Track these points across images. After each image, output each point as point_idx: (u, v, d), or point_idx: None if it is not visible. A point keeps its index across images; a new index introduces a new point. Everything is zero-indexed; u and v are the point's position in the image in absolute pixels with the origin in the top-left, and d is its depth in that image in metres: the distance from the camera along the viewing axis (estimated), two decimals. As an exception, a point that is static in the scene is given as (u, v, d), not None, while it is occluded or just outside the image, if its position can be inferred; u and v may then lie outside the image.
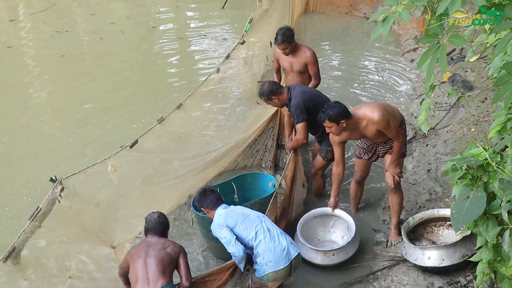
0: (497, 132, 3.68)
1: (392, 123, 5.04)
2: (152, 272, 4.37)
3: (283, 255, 4.56)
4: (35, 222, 4.42)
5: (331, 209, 5.74)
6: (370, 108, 5.08)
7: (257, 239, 4.57)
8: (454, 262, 4.90)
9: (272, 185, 6.00)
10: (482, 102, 7.21)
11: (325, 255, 5.41)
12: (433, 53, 3.08)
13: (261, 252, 4.56)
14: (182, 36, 12.34)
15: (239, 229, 4.63)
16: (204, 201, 4.86)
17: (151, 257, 4.44)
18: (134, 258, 4.51)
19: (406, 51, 9.99)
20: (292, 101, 5.86)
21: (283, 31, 6.38)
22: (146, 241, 4.67)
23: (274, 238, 4.60)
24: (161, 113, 5.83)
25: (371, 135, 5.23)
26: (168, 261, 4.48)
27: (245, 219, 4.69)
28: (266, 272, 4.55)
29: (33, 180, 7.16)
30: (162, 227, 4.76)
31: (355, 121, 5.07)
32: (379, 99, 8.55)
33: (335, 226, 5.91)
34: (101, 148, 7.53)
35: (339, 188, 5.71)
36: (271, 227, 4.69)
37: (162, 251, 4.50)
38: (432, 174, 6.48)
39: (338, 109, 4.96)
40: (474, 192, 2.86)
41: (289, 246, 4.63)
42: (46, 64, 11.25)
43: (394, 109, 5.42)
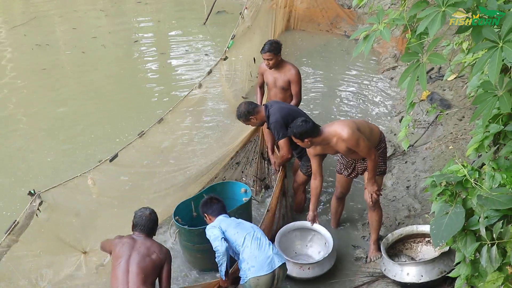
0: (474, 149, 3.74)
1: (362, 142, 5.05)
2: (133, 281, 4.28)
3: (266, 262, 4.58)
4: (12, 236, 4.36)
5: (310, 223, 5.75)
6: (341, 126, 5.12)
7: (244, 244, 4.64)
8: (433, 278, 4.93)
9: (244, 191, 6.04)
10: (459, 120, 7.32)
11: (301, 268, 5.43)
12: (413, 71, 3.13)
13: (245, 258, 4.61)
14: (164, 51, 12.35)
15: (230, 233, 4.72)
16: (209, 208, 5.01)
17: (134, 264, 4.34)
18: (116, 257, 4.42)
19: (386, 69, 10.11)
20: (271, 118, 5.87)
21: (271, 41, 6.45)
22: (132, 238, 4.57)
23: (261, 246, 4.66)
24: (142, 127, 5.82)
25: (343, 152, 5.28)
26: (151, 269, 4.40)
27: (238, 225, 4.81)
28: (248, 277, 4.57)
29: (12, 193, 7.06)
30: (151, 225, 4.70)
31: (325, 137, 5.13)
32: (358, 116, 8.65)
33: (312, 241, 5.92)
34: (81, 162, 7.46)
35: (317, 201, 5.73)
36: (261, 237, 4.74)
37: (147, 258, 4.41)
38: (411, 191, 6.55)
39: (302, 128, 5.04)
40: (453, 208, 2.90)
41: (274, 256, 4.66)
42: (26, 77, 11.14)
43: (372, 126, 5.46)
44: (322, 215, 6.41)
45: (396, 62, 10.14)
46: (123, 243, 4.52)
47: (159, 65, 11.66)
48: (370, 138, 5.23)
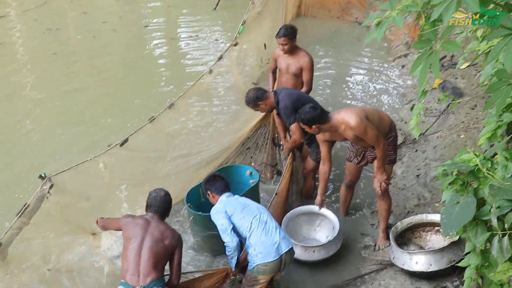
0: (487, 138, 3.71)
1: (370, 130, 5.02)
2: (144, 265, 4.30)
3: (273, 248, 4.56)
4: (23, 219, 4.39)
5: (317, 208, 5.75)
6: (349, 113, 5.10)
7: (251, 229, 4.61)
8: (442, 267, 4.92)
9: (249, 173, 6.06)
10: (472, 109, 7.26)
11: (306, 251, 5.45)
12: (426, 58, 3.09)
13: (252, 243, 4.58)
14: (174, 36, 12.31)
15: (236, 218, 4.68)
16: (212, 185, 4.96)
17: (146, 248, 4.35)
18: (129, 238, 4.42)
19: (397, 57, 10.02)
20: (280, 104, 5.88)
21: (286, 26, 6.47)
22: (146, 220, 4.57)
23: (268, 231, 4.62)
24: (153, 113, 5.82)
25: (351, 139, 5.27)
26: (163, 255, 4.41)
27: (244, 209, 4.74)
28: (255, 264, 4.57)
29: (24, 177, 7.09)
30: (165, 206, 4.71)
31: (333, 124, 5.12)
32: (368, 104, 8.59)
33: (321, 226, 5.93)
34: (92, 146, 7.44)
35: (325, 186, 5.73)
36: (268, 220, 4.70)
37: (160, 243, 4.41)
38: (421, 180, 6.51)
39: (310, 114, 5.03)
40: (464, 198, 2.87)
41: (281, 241, 4.64)
42: (37, 61, 11.14)
43: (382, 115, 5.42)
44: (330, 204, 6.41)
45: (408, 50, 10.03)
46: (136, 224, 4.51)
47: (170, 50, 11.63)
48: (380, 127, 5.19)
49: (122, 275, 4.36)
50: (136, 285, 4.25)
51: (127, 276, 4.29)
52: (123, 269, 4.36)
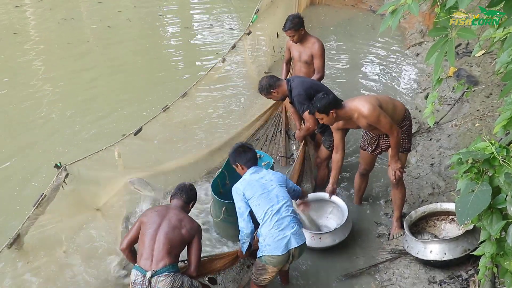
0: (502, 127, 3.66)
1: (383, 119, 5.00)
2: (158, 250, 4.33)
3: (282, 243, 4.51)
4: (39, 208, 4.45)
5: (328, 195, 5.76)
6: (362, 102, 5.07)
7: (264, 219, 4.55)
8: (456, 256, 4.91)
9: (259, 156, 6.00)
10: (487, 97, 7.20)
11: (312, 237, 5.46)
12: (441, 46, 3.08)
13: (263, 233, 4.55)
14: (188, 25, 12.34)
15: (253, 203, 4.61)
16: (241, 157, 4.81)
17: (162, 234, 4.37)
18: (147, 224, 4.45)
19: (412, 45, 9.96)
20: (294, 92, 5.88)
21: (291, 17, 6.38)
22: (165, 207, 4.62)
23: (281, 224, 4.53)
24: (168, 102, 5.85)
25: (364, 127, 5.26)
26: (178, 242, 4.43)
27: (262, 195, 4.61)
28: (263, 254, 4.56)
29: (40, 166, 7.16)
30: (191, 194, 4.73)
31: (346, 112, 5.10)
32: (382, 92, 8.55)
33: (333, 213, 5.95)
34: (108, 135, 7.48)
35: (338, 175, 5.72)
36: (283, 211, 4.58)
37: (176, 230, 4.43)
38: (435, 168, 6.49)
39: (326, 100, 5.00)
40: (479, 186, 2.86)
41: (292, 236, 4.55)
42: (52, 50, 11.24)
43: (396, 103, 5.38)
44: (343, 191, 6.42)
45: (423, 38, 9.96)
46: (155, 211, 4.56)
47: (184, 39, 11.65)
48: (394, 115, 5.17)
49: (137, 259, 4.41)
50: (148, 269, 4.29)
51: (141, 260, 4.34)
52: (139, 254, 4.41)
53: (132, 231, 4.55)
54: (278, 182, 4.74)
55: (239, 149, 4.85)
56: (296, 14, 6.54)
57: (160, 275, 4.28)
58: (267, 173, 4.81)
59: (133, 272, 4.37)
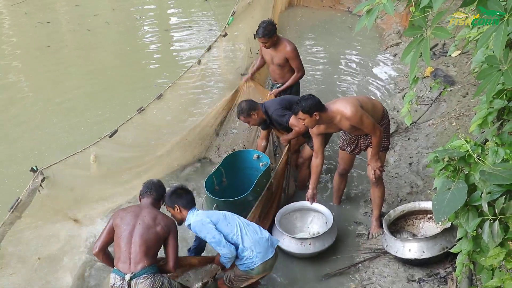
0: (478, 125, 3.70)
1: (366, 119, 5.02)
2: (135, 253, 4.29)
3: (268, 244, 4.57)
4: (16, 213, 4.38)
5: (309, 202, 5.74)
6: (343, 104, 5.08)
7: (241, 233, 4.52)
8: (434, 254, 4.95)
9: (257, 156, 6.08)
10: (463, 97, 7.28)
11: (301, 244, 5.42)
12: (417, 45, 3.09)
13: (248, 246, 4.50)
14: (166, 27, 12.29)
15: (222, 225, 4.53)
16: (180, 199, 4.63)
17: (137, 235, 4.33)
18: (121, 227, 4.38)
19: (389, 46, 10.03)
20: (270, 110, 5.98)
21: (265, 24, 6.42)
22: (138, 207, 4.57)
23: (256, 231, 4.60)
24: (143, 104, 5.82)
25: (346, 129, 5.28)
26: (155, 241, 4.39)
27: (225, 216, 4.61)
28: (256, 264, 4.51)
29: (17, 169, 7.06)
30: (160, 190, 4.70)
31: (329, 115, 5.10)
32: (360, 93, 8.58)
33: (313, 222, 5.90)
34: (84, 138, 7.40)
35: (317, 180, 5.71)
36: (249, 223, 4.70)
37: (151, 229, 4.38)
38: (413, 168, 6.53)
39: (311, 101, 5.00)
40: (455, 184, 2.87)
41: (269, 235, 4.67)
42: (30, 54, 11.14)
43: (374, 102, 5.43)
44: (323, 192, 6.43)
45: (400, 39, 10.04)
46: (127, 212, 4.50)
47: (163, 41, 11.63)
48: (373, 114, 5.20)
49: (115, 262, 4.36)
50: (127, 272, 4.25)
51: (119, 264, 4.30)
52: (116, 257, 4.36)
53: (104, 234, 4.47)
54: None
55: (179, 191, 4.70)
56: (269, 21, 6.57)
57: (139, 277, 4.25)
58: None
59: (112, 276, 4.33)
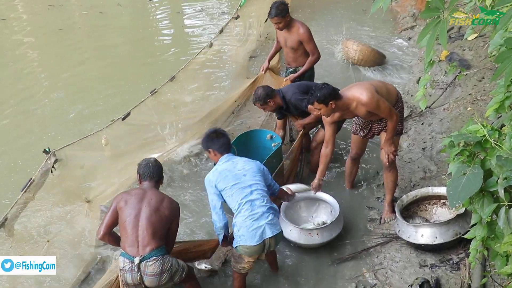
0: (494, 110, 3.64)
1: (383, 104, 4.96)
2: (143, 236, 4.29)
3: (257, 233, 4.45)
4: (29, 194, 4.41)
5: (313, 192, 5.64)
6: (359, 90, 5.01)
7: (238, 209, 4.50)
8: (447, 240, 4.91)
9: (270, 137, 6.06)
10: (479, 81, 7.17)
11: (309, 234, 5.33)
12: (433, 28, 3.03)
13: (237, 224, 4.50)
14: (179, 10, 12.22)
15: (226, 194, 4.54)
16: (215, 143, 4.71)
17: (144, 218, 4.33)
18: (126, 210, 4.37)
19: (404, 29, 9.91)
20: (287, 96, 5.91)
21: (277, 4, 6.32)
22: (142, 189, 4.53)
23: (254, 214, 4.48)
24: (156, 85, 5.82)
25: (363, 115, 5.21)
26: (161, 224, 4.39)
27: (235, 185, 4.54)
28: (238, 244, 4.52)
29: (32, 151, 7.08)
30: (159, 171, 4.66)
31: (344, 102, 5.03)
32: (374, 78, 8.49)
33: (318, 211, 5.84)
34: (98, 121, 7.43)
35: (325, 169, 5.61)
36: (257, 201, 4.53)
37: (157, 212, 4.38)
38: (427, 153, 6.47)
39: (326, 90, 4.92)
40: (470, 169, 2.82)
41: (267, 226, 4.50)
42: (43, 37, 11.17)
43: (389, 87, 5.36)
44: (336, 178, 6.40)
45: (415, 22, 9.91)
46: (131, 195, 4.47)
47: (175, 24, 11.62)
48: (388, 99, 5.14)
49: (122, 245, 4.35)
50: (136, 255, 4.26)
51: (127, 247, 4.30)
52: (122, 241, 4.35)
53: (108, 217, 4.44)
54: (253, 172, 4.66)
55: (212, 135, 4.75)
56: (281, 1, 6.45)
57: (148, 259, 4.26)
58: (241, 161, 4.73)
59: (121, 259, 4.32)
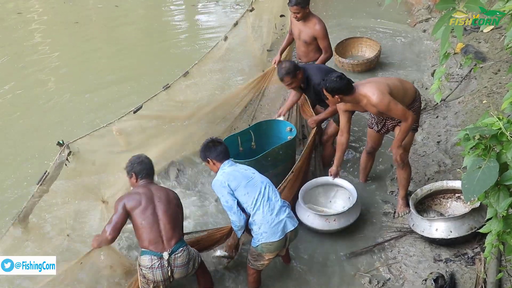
0: (510, 103, 3.58)
1: (394, 106, 4.88)
2: (166, 230, 4.34)
3: (278, 228, 4.48)
4: (43, 187, 4.43)
5: (331, 178, 5.72)
6: (371, 89, 4.95)
7: (255, 207, 4.50)
8: (462, 234, 4.88)
9: (289, 129, 6.08)
10: (495, 74, 7.09)
11: (326, 220, 5.39)
12: (449, 19, 2.99)
13: (257, 221, 4.49)
14: (193, 2, 12.22)
15: (240, 193, 4.53)
16: (212, 152, 4.72)
17: (161, 213, 4.37)
18: (139, 210, 4.37)
19: (418, 22, 9.81)
20: (314, 79, 5.77)
21: None
22: (144, 187, 4.55)
23: (273, 209, 4.51)
24: (170, 80, 5.82)
25: (374, 113, 5.21)
26: (177, 215, 4.47)
27: (248, 183, 4.57)
28: (260, 242, 4.51)
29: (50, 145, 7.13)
30: (152, 167, 4.73)
31: (355, 97, 5.03)
32: (387, 71, 8.41)
33: (336, 197, 5.89)
34: (111, 114, 7.43)
35: (342, 157, 5.68)
36: (272, 196, 4.58)
37: (171, 205, 4.44)
38: (441, 146, 6.42)
39: (336, 84, 4.93)
40: (486, 162, 2.79)
41: (287, 219, 4.55)
42: (59, 30, 11.25)
43: (406, 85, 5.26)
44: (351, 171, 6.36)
45: (430, 14, 9.82)
46: (138, 195, 4.48)
47: (189, 16, 11.67)
48: (404, 98, 5.09)
49: (143, 245, 4.36)
50: (162, 251, 4.29)
51: (150, 245, 4.31)
52: (143, 239, 4.34)
53: (117, 218, 4.39)
54: (258, 173, 4.76)
55: (209, 144, 4.77)
56: None
57: (176, 252, 4.33)
58: (245, 166, 4.81)
59: (147, 258, 4.32)
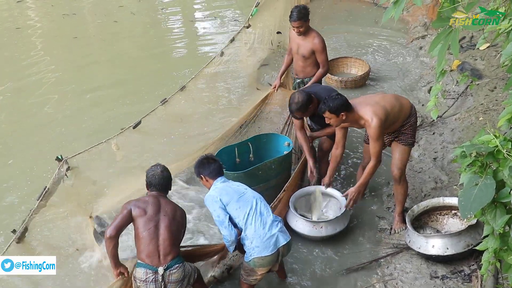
0: (507, 120, 3.61)
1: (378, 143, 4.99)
2: (164, 245, 4.31)
3: (270, 242, 4.48)
4: (41, 202, 4.43)
5: (323, 187, 5.76)
6: (371, 113, 4.96)
7: (247, 222, 4.50)
8: (458, 251, 4.86)
9: (287, 144, 6.10)
10: (491, 91, 7.13)
11: (314, 227, 5.47)
12: (445, 37, 3.02)
13: (249, 236, 4.49)
14: (191, 18, 12.31)
15: (232, 207, 4.54)
16: (205, 169, 4.76)
17: (163, 228, 4.35)
18: (143, 219, 4.35)
19: (415, 38, 9.88)
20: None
21: (299, 8, 6.28)
22: (154, 198, 4.52)
23: (265, 224, 4.52)
24: (168, 94, 5.86)
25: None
26: (179, 232, 4.45)
27: (240, 198, 4.59)
28: (252, 257, 4.50)
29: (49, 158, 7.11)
30: (166, 182, 4.66)
31: (355, 116, 5.05)
32: (383, 87, 8.46)
33: (328, 207, 5.93)
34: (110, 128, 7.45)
35: (335, 168, 5.75)
36: (264, 211, 4.59)
37: (175, 221, 4.42)
38: (438, 163, 6.43)
39: (339, 101, 4.94)
40: (483, 180, 2.80)
41: (279, 234, 4.55)
42: (57, 46, 11.33)
43: (402, 102, 5.28)
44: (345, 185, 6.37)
45: (426, 31, 9.89)
46: (147, 203, 4.45)
47: (187, 32, 11.75)
48: (400, 115, 5.14)
49: (139, 256, 4.33)
50: (158, 265, 4.26)
51: (145, 258, 4.28)
52: (140, 250, 4.32)
53: (121, 219, 4.36)
54: (250, 189, 4.78)
55: (203, 161, 4.81)
56: (303, 5, 6.47)
57: (172, 268, 4.30)
58: (237, 183, 4.83)
59: (142, 271, 4.29)
